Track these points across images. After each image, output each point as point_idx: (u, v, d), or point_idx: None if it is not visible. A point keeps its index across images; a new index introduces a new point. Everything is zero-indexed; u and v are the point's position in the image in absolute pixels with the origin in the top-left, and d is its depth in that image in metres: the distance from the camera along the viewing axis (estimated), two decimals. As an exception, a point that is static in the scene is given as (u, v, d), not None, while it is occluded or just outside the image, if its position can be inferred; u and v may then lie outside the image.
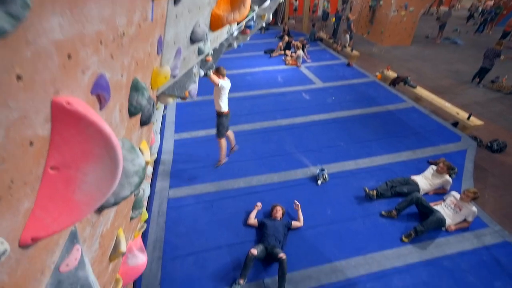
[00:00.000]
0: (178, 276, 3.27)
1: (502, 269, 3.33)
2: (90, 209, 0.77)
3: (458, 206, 3.78)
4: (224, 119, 4.43)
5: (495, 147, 5.74)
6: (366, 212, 4.06)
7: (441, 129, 6.02)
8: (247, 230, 3.77)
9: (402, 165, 4.98)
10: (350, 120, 6.32)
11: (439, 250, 3.52)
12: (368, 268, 3.33)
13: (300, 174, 4.78)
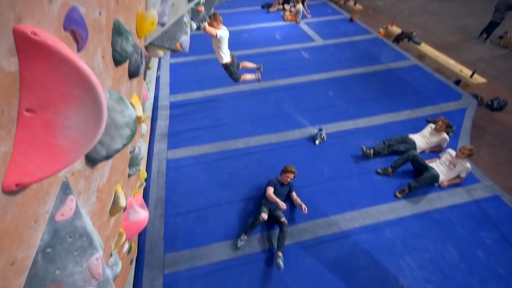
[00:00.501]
0: (180, 231, 3.42)
1: (488, 220, 3.50)
2: (76, 156, 0.73)
3: (453, 163, 3.84)
4: (231, 68, 4.52)
5: (495, 105, 5.68)
6: (363, 170, 4.13)
7: (442, 88, 5.88)
8: (245, 189, 3.86)
9: (401, 124, 4.95)
10: (351, 79, 6.12)
11: (431, 204, 3.67)
12: (362, 221, 3.49)
13: (298, 134, 4.76)
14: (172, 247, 3.28)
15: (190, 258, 3.15)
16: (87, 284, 0.97)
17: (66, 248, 0.89)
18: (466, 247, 3.22)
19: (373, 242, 3.27)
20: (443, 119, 4.41)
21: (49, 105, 0.65)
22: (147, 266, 3.11)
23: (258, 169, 4.15)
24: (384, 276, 2.99)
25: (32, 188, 0.73)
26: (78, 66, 0.64)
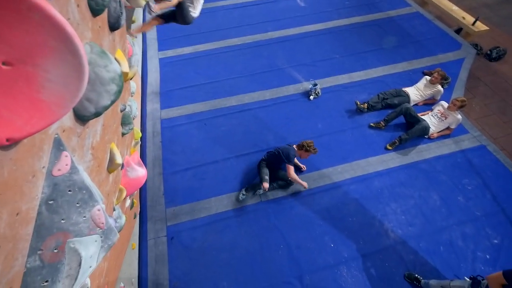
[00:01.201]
0: (179, 187, 3.56)
1: (472, 168, 3.69)
2: (62, 111, 0.73)
3: (445, 114, 3.89)
4: (184, 10, 3.70)
5: (494, 54, 5.54)
6: (356, 124, 4.19)
7: (442, 37, 5.65)
8: (241, 146, 3.93)
9: (397, 77, 4.87)
10: (347, 30, 5.82)
11: (419, 155, 3.81)
12: (352, 173, 3.65)
13: (293, 90, 4.69)
14: (172, 202, 3.45)
15: (190, 211, 3.35)
16: (92, 232, 1.05)
17: (67, 201, 0.94)
18: (448, 193, 3.45)
19: (362, 191, 3.47)
20: (439, 71, 4.34)
21: (27, 58, 0.62)
22: (150, 220, 3.31)
23: (253, 126, 4.18)
24: (371, 221, 3.25)
25: (24, 143, 0.74)
26: (50, 14, 0.60)
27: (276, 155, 3.34)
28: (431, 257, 2.99)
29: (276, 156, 3.34)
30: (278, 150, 3.35)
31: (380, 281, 2.85)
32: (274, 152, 3.38)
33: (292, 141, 3.95)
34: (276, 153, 3.35)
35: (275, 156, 3.36)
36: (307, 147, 3.25)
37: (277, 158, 3.34)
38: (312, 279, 2.88)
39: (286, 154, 3.26)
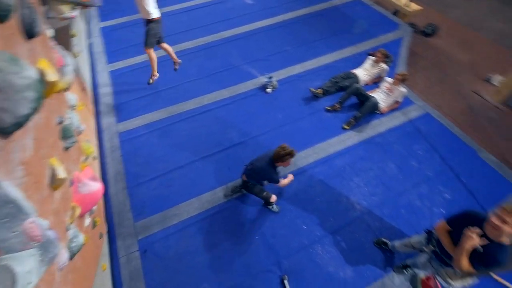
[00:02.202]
0: (147, 198, 3.46)
1: (420, 134, 4.01)
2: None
3: (390, 89, 4.18)
4: (154, 25, 3.93)
5: (429, 31, 6.05)
6: (313, 110, 4.35)
7: (382, 20, 6.06)
8: (205, 147, 3.91)
9: (346, 61, 5.14)
10: (296, 22, 6.02)
11: (374, 130, 4.07)
12: (316, 156, 3.80)
13: (250, 85, 4.75)
14: (141, 214, 3.34)
15: (161, 221, 3.27)
16: (27, 246, 1.00)
17: (-10, 216, 0.89)
18: (402, 160, 3.72)
19: (326, 172, 3.63)
20: (381, 51, 4.65)
21: None
22: (119, 237, 3.18)
23: (215, 126, 4.18)
24: (337, 198, 3.40)
25: None
26: None
27: (256, 173, 2.99)
28: (394, 220, 3.20)
29: (256, 174, 3.01)
30: (256, 169, 2.96)
31: (352, 252, 3.00)
32: (254, 169, 3.00)
33: (256, 134, 4.03)
34: (255, 170, 2.98)
35: (255, 173, 3.01)
36: (283, 155, 2.75)
37: (257, 176, 3.03)
38: (290, 262, 2.95)
39: (269, 177, 2.93)
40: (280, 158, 2.79)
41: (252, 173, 3.04)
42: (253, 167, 3.00)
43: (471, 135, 4.08)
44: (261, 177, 3.03)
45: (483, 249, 1.85)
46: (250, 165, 3.07)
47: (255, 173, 3.01)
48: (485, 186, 3.49)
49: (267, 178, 2.98)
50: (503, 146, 4.08)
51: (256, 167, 2.97)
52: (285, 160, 2.79)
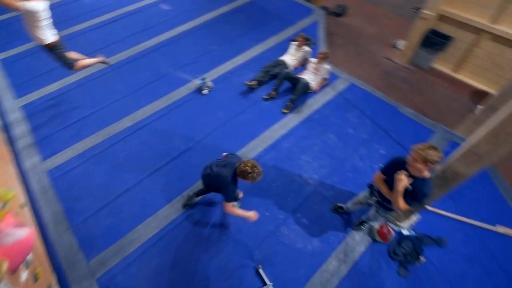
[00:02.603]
0: (97, 232, 3.16)
1: (350, 104, 4.41)
2: None
3: (316, 68, 4.49)
4: (58, 51, 3.65)
5: (339, 11, 6.64)
6: (252, 101, 4.45)
7: (297, 7, 6.46)
8: (150, 163, 3.72)
9: (272, 50, 5.36)
10: (217, 21, 6.06)
11: (310, 109, 4.34)
12: (263, 145, 3.90)
13: (185, 90, 4.65)
14: (94, 251, 3.04)
15: (118, 252, 3.02)
16: None
17: None
18: (340, 130, 4.05)
19: (276, 157, 3.75)
20: (301, 35, 4.96)
21: None
22: (74, 282, 2.85)
23: (156, 139, 3.99)
24: (291, 178, 3.55)
25: None
26: None
27: (214, 181, 2.66)
28: (344, 184, 3.48)
29: (214, 182, 2.68)
30: (215, 175, 2.63)
31: (314, 224, 3.18)
32: (213, 176, 2.66)
33: (201, 138, 3.96)
34: (214, 177, 2.66)
35: (213, 181, 2.69)
36: (249, 173, 2.41)
37: (214, 183, 2.70)
38: (261, 251, 3.00)
39: (225, 192, 2.57)
40: (244, 176, 2.43)
41: (210, 179, 2.72)
42: (213, 173, 2.65)
43: (390, 95, 4.63)
44: (217, 187, 2.68)
45: (412, 187, 2.12)
46: (210, 170, 2.72)
47: (212, 180, 2.68)
48: (409, 135, 4.00)
49: (223, 191, 2.59)
50: (417, 99, 4.71)
51: (216, 175, 2.61)
52: (248, 179, 2.44)
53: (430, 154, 1.93)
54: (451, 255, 2.98)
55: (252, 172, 2.39)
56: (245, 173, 2.40)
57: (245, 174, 2.41)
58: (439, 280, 2.83)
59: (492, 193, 3.46)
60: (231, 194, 2.57)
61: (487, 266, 2.91)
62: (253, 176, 2.42)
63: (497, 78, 4.69)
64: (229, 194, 2.57)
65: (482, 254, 2.99)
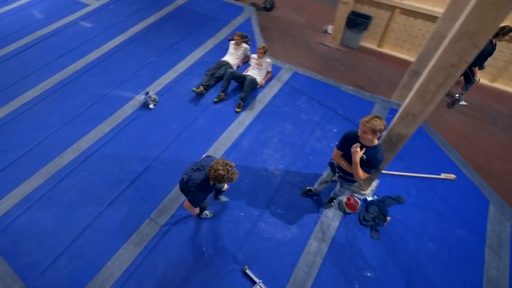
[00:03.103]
0: (60, 282, 2.82)
1: (297, 91, 4.61)
2: None
3: (259, 63, 4.59)
4: None
5: (268, 6, 6.85)
6: (203, 107, 4.38)
7: (227, 7, 6.48)
8: (107, 192, 3.43)
9: (212, 53, 5.31)
10: (148, 32, 5.79)
11: (261, 103, 4.43)
12: (224, 147, 3.87)
13: (129, 108, 4.37)
14: (62, 303, 2.72)
15: (91, 295, 2.74)
16: None
17: None
18: (293, 118, 4.22)
19: (239, 156, 3.76)
20: (237, 33, 5.00)
21: None
22: None
23: (108, 165, 3.69)
24: (258, 173, 3.60)
25: None
26: None
27: (186, 185, 2.52)
28: (308, 168, 3.64)
29: (186, 187, 2.53)
30: (187, 179, 2.49)
31: (289, 212, 3.27)
32: (184, 180, 2.55)
33: (157, 155, 3.78)
34: (186, 182, 2.52)
35: (186, 185, 2.54)
36: (223, 175, 2.24)
37: (187, 189, 2.53)
38: (245, 252, 2.99)
39: (191, 194, 2.43)
40: (219, 179, 2.26)
41: (183, 185, 2.58)
42: (186, 178, 2.52)
43: (330, 77, 4.95)
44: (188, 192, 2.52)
45: (366, 156, 2.31)
46: (185, 174, 2.59)
47: (185, 186, 2.54)
48: (354, 110, 4.34)
49: (189, 195, 2.47)
50: (353, 76, 5.12)
51: (187, 179, 2.49)
52: (225, 180, 2.28)
53: (376, 123, 2.12)
54: (410, 208, 3.34)
55: (226, 173, 2.23)
56: (219, 176, 2.23)
57: (219, 178, 2.24)
58: (405, 232, 3.15)
59: (431, 146, 3.95)
60: (194, 200, 2.42)
61: (439, 209, 3.32)
62: (229, 177, 2.26)
63: (413, 47, 5.34)
64: (193, 200, 2.42)
65: (434, 200, 3.40)
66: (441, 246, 3.05)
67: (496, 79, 4.92)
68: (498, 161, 3.93)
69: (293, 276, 2.84)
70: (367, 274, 2.88)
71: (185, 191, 2.60)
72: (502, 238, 3.11)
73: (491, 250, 3.03)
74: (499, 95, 4.86)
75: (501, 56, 4.69)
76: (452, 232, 3.15)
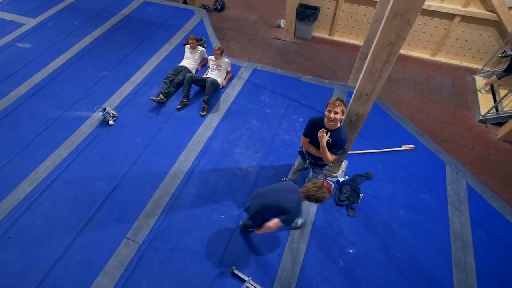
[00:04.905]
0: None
1: (259, 87, 4.68)
2: None
3: (217, 64, 4.57)
4: None
5: (219, 6, 6.83)
6: (167, 115, 4.27)
7: (177, 12, 6.36)
8: (75, 219, 3.21)
9: (168, 59, 5.19)
10: (97, 45, 5.50)
11: (226, 103, 4.42)
12: (194, 153, 3.80)
13: (87, 128, 4.12)
14: None
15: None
16: None
17: None
18: (259, 113, 4.28)
19: (211, 159, 3.73)
20: (191, 37, 4.92)
21: None
22: None
23: (72, 192, 3.46)
24: (232, 173, 3.60)
25: None
26: None
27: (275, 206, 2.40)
28: (281, 160, 3.72)
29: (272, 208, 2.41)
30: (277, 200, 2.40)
31: (268, 206, 3.31)
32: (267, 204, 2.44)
33: (124, 172, 3.61)
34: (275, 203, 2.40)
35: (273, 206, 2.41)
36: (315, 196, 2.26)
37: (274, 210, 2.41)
38: (230, 253, 2.98)
39: (290, 215, 2.33)
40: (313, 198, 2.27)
41: (263, 208, 2.45)
42: (273, 200, 2.42)
43: (289, 69, 5.09)
44: (274, 213, 2.39)
45: (332, 139, 2.42)
46: (266, 198, 2.47)
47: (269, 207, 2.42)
48: (316, 98, 4.50)
49: (287, 216, 2.34)
50: (311, 66, 5.30)
51: (278, 200, 2.39)
52: (318, 200, 2.28)
53: (341, 104, 2.23)
54: (379, 182, 3.55)
55: (322, 195, 2.25)
56: (312, 196, 2.26)
57: (313, 197, 2.26)
58: (378, 205, 3.35)
59: (389, 122, 4.23)
60: (292, 218, 2.40)
61: (404, 179, 3.57)
62: (323, 196, 2.27)
63: (361, 32, 5.66)
64: (290, 219, 2.39)
65: (398, 171, 3.65)
66: (410, 211, 3.29)
67: (435, 53, 5.39)
68: (448, 126, 4.32)
69: (280, 267, 2.89)
70: (349, 251, 3.02)
71: (267, 213, 2.45)
72: (460, 195, 3.43)
73: (453, 207, 3.33)
74: (440, 67, 5.33)
75: (437, 32, 5.15)
76: (418, 197, 3.41)
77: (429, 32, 5.19)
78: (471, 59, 5.25)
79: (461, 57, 5.30)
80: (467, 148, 4.03)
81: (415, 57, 5.51)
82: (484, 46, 5.02)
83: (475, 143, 4.10)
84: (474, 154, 3.97)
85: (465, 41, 5.07)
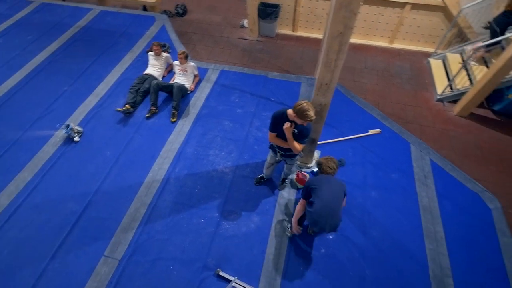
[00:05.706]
0: None
1: (228, 88, 4.69)
2: None
3: (183, 69, 4.53)
4: None
5: (180, 11, 6.75)
6: (136, 125, 4.16)
7: (138, 19, 6.20)
8: (49, 241, 3.06)
9: (131, 68, 5.05)
10: (55, 59, 5.24)
11: (195, 107, 4.39)
12: (168, 160, 3.75)
13: (51, 147, 3.92)
14: None
15: None
16: None
17: None
18: (230, 114, 4.29)
19: (185, 165, 3.69)
20: (154, 44, 4.82)
21: None
22: None
23: (41, 215, 3.28)
24: (208, 176, 3.58)
25: None
26: None
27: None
28: (255, 157, 3.75)
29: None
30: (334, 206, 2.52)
31: (248, 203, 3.34)
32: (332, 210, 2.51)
33: (97, 187, 3.50)
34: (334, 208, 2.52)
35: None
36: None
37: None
38: (214, 255, 2.97)
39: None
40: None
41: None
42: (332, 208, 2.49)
43: (256, 68, 5.14)
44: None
45: (297, 129, 2.49)
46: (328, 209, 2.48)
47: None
48: (285, 93, 4.60)
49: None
50: (277, 63, 5.39)
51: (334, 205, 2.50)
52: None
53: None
54: (351, 167, 3.69)
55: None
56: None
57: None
58: (352, 189, 3.47)
59: (355, 109, 4.40)
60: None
61: (374, 162, 3.75)
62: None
63: (322, 26, 5.83)
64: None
65: (368, 155, 3.82)
66: (382, 192, 3.45)
67: (392, 40, 5.68)
68: (410, 108, 4.58)
69: (265, 262, 2.93)
70: (330, 237, 3.11)
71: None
72: (425, 170, 3.66)
73: (420, 182, 3.54)
74: (398, 53, 5.63)
75: (391, 20, 5.43)
76: (387, 177, 3.59)
77: (384, 21, 5.46)
78: (425, 43, 5.59)
79: (416, 42, 5.63)
80: (428, 127, 4.29)
81: (374, 46, 5.77)
82: (435, 30, 5.37)
83: (436, 121, 4.38)
84: (436, 131, 4.24)
85: (417, 27, 5.40)
